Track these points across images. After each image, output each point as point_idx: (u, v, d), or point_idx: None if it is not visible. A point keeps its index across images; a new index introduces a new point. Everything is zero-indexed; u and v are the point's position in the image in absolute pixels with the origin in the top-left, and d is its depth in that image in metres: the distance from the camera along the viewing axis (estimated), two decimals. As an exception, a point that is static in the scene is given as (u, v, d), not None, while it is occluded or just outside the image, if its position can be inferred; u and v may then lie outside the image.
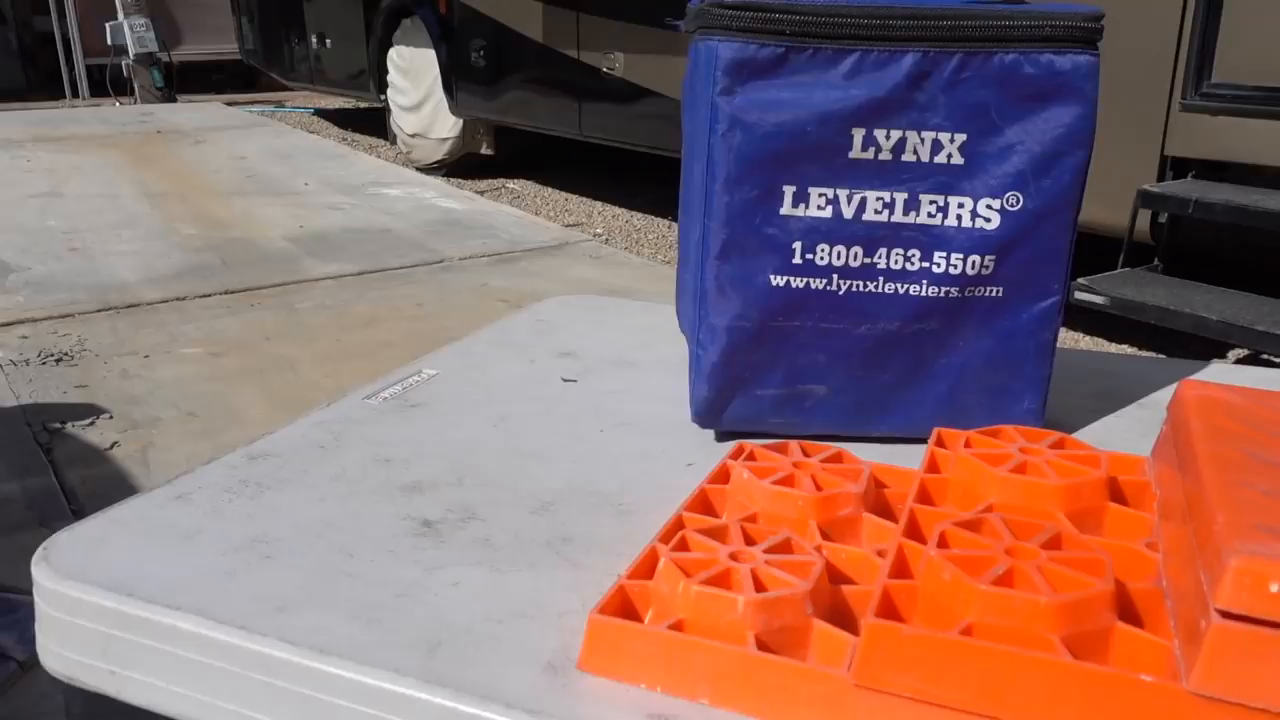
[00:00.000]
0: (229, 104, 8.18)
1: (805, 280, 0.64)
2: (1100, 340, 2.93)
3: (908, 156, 0.62)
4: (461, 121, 4.96)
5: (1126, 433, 0.70)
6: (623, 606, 0.46)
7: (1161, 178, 2.39)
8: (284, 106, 8.25)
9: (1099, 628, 0.40)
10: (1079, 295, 2.29)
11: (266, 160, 5.45)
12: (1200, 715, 0.36)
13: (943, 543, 0.44)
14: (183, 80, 8.62)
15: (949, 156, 0.62)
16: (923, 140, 0.62)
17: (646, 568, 0.47)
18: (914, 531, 0.47)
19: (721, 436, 0.69)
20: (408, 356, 1.95)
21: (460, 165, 5.15)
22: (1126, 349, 2.84)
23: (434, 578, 0.52)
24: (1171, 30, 2.32)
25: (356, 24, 5.62)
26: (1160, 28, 2.33)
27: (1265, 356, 2.51)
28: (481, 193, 4.81)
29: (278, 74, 6.90)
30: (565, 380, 0.80)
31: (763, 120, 0.61)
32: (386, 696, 0.44)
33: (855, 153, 0.62)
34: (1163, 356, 2.65)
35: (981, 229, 0.63)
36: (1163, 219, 2.40)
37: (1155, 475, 0.52)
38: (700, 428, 0.70)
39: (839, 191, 0.62)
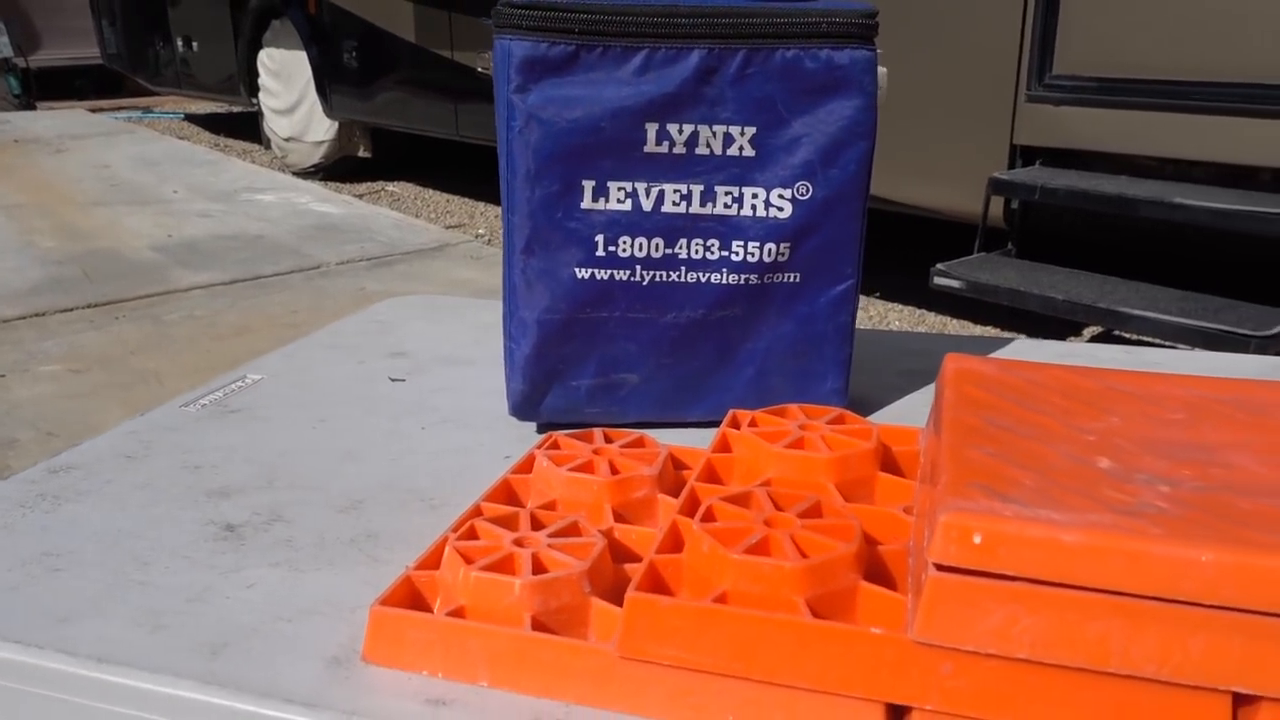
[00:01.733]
0: (93, 110, 7.85)
1: (610, 272, 0.65)
2: (967, 323, 3.05)
3: (701, 150, 0.64)
4: (337, 124, 4.87)
5: (926, 407, 0.73)
6: (410, 597, 0.47)
7: (1012, 166, 2.51)
8: (151, 112, 7.96)
9: (843, 588, 0.42)
10: (938, 280, 2.38)
11: (132, 168, 5.25)
12: (922, 662, 0.39)
13: (708, 517, 0.46)
14: (42, 87, 8.23)
15: (740, 149, 0.65)
16: (714, 133, 0.64)
17: (435, 558, 0.48)
18: (691, 508, 0.49)
19: (542, 429, 0.71)
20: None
21: (337, 168, 5.06)
22: (990, 330, 2.96)
23: (229, 581, 0.52)
24: (1015, 25, 2.43)
25: (223, 25, 5.46)
26: (1004, 23, 2.44)
27: (1116, 332, 2.65)
28: (360, 196, 4.73)
29: (143, 79, 6.64)
30: (393, 380, 0.80)
31: (558, 117, 0.63)
32: (166, 701, 0.44)
33: (650, 147, 0.64)
34: (996, 333, 2.77)
35: (775, 218, 0.65)
36: (1014, 205, 2.51)
37: (924, 444, 0.55)
38: (520, 421, 0.71)
39: (637, 185, 0.64)
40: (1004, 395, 0.50)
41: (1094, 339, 2.81)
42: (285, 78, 5.05)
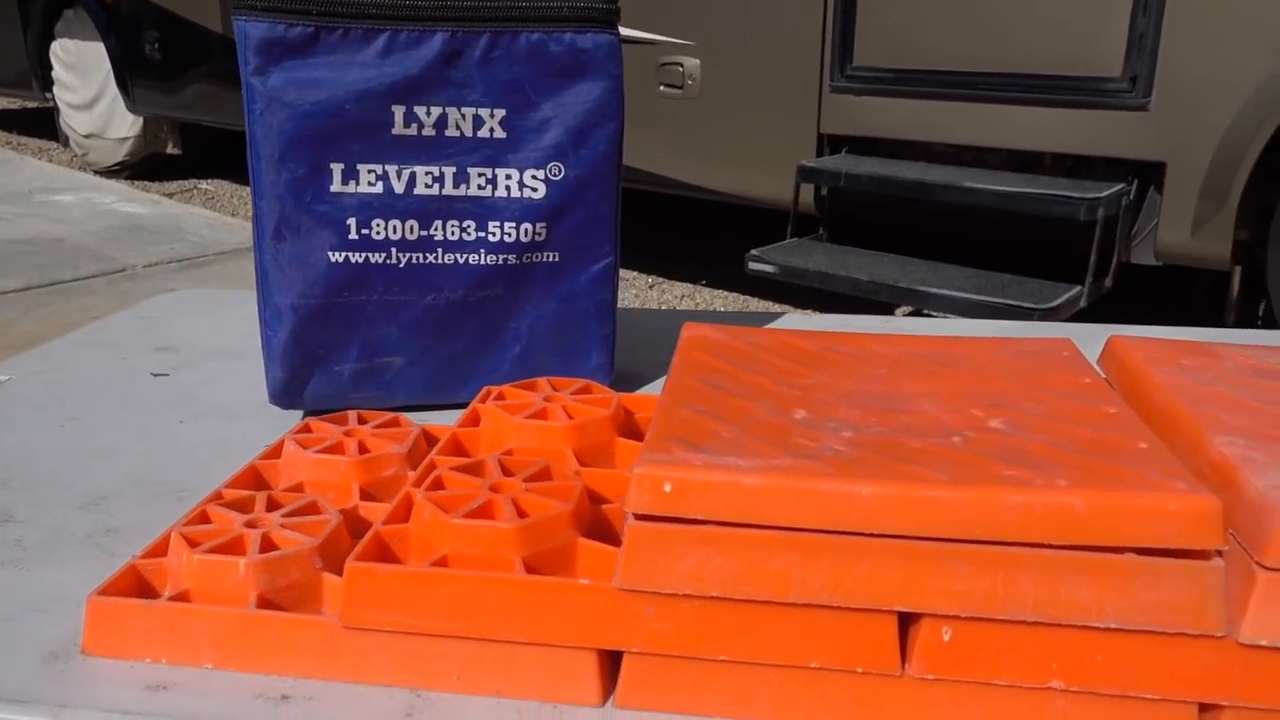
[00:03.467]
0: None
1: (364, 255, 0.65)
2: (788, 307, 3.16)
3: (451, 132, 0.65)
4: (142, 120, 4.61)
5: (690, 379, 0.76)
6: (135, 586, 0.46)
7: (820, 154, 2.61)
8: (-63, 108, 7.33)
9: (561, 545, 0.44)
10: (752, 265, 2.46)
11: (-87, 169, 4.83)
12: (627, 608, 0.41)
13: (437, 486, 0.47)
14: None
15: (491, 131, 0.66)
16: (464, 116, 0.65)
17: (163, 546, 0.48)
18: (425, 480, 0.50)
19: (308, 416, 0.70)
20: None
21: (145, 166, 4.79)
22: (809, 314, 3.07)
23: (-55, 585, 0.49)
24: (817, 18, 2.53)
25: (10, 15, 5.08)
26: (808, 16, 2.54)
27: (926, 312, 2.80)
28: (170, 195, 4.50)
29: (-77, 72, 6.11)
30: (155, 375, 0.77)
31: (300, 99, 0.62)
32: None
33: (398, 129, 0.64)
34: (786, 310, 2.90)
35: (529, 198, 0.67)
36: (824, 192, 2.62)
37: (663, 410, 0.57)
38: (286, 410, 0.70)
39: (388, 167, 0.64)
40: (727, 358, 0.53)
41: (908, 315, 2.96)
42: (82, 71, 4.74)
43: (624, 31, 0.66)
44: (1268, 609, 0.38)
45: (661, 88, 2.81)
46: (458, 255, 0.67)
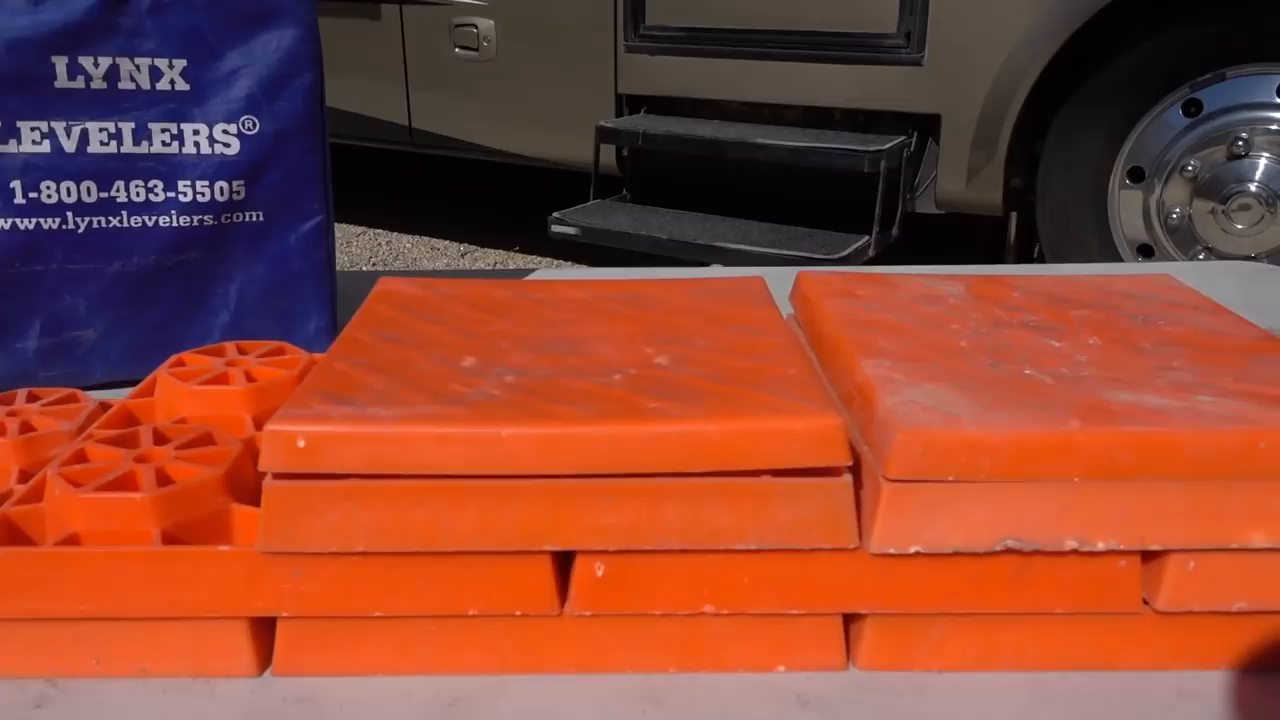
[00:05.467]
0: None
1: (35, 221, 0.60)
2: (601, 267, 3.16)
3: (125, 84, 0.60)
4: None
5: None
6: None
7: (619, 114, 2.61)
8: None
9: (212, 512, 0.42)
10: (555, 228, 2.45)
11: None
12: (272, 572, 0.39)
13: (79, 459, 0.44)
14: None
15: (172, 83, 0.61)
16: (138, 67, 0.60)
17: None
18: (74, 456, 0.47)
19: (-4, 399, 0.64)
20: None
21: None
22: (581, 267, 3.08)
23: None
24: (609, -24, 2.52)
25: None
26: (599, -25, 2.52)
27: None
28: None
29: None
30: None
31: (-60, 51, 0.56)
32: None
33: (62, 82, 0.59)
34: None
35: (222, 154, 0.63)
36: (625, 152, 2.63)
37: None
38: (-34, 393, 0.64)
39: (54, 124, 0.59)
40: (411, 310, 0.52)
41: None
42: None
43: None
44: (892, 519, 0.39)
45: (457, 50, 2.74)
46: (145, 218, 0.63)
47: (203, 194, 0.63)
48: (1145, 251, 2.18)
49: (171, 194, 0.63)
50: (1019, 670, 0.42)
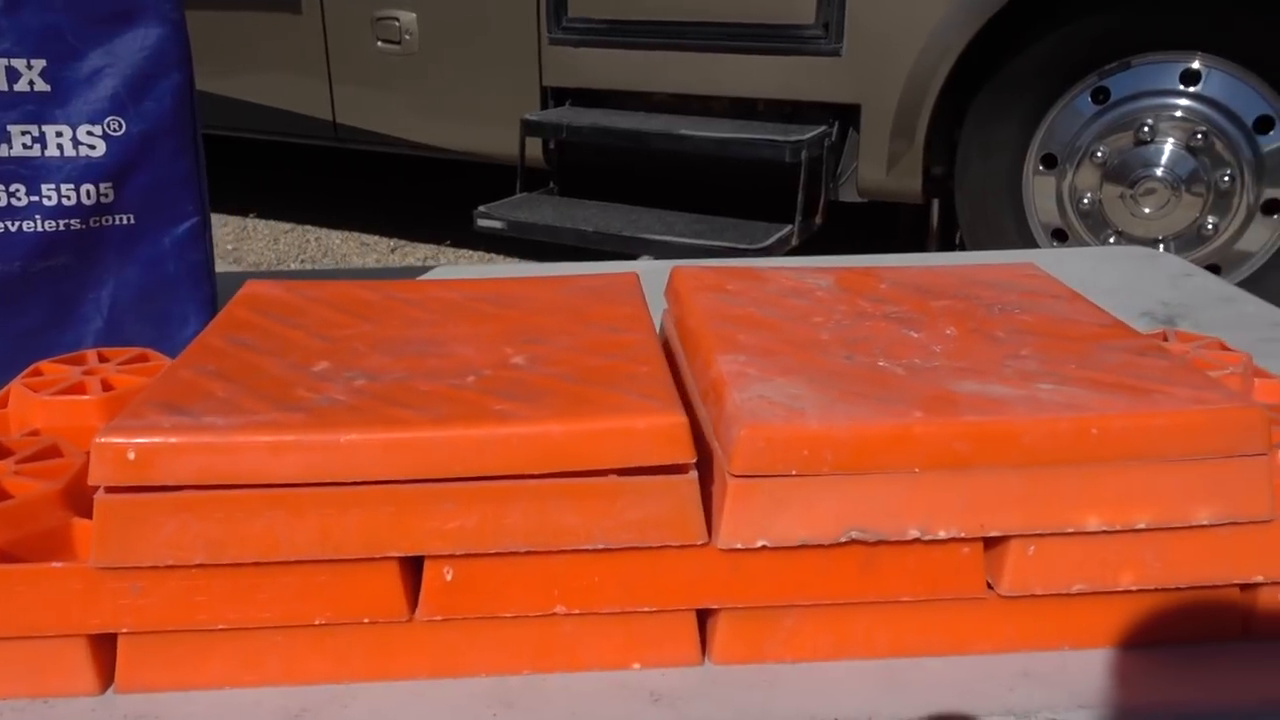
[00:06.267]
0: None
1: (-114, 229, 0.58)
2: (534, 262, 3.15)
3: (-21, 86, 0.59)
4: None
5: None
6: None
7: (545, 107, 2.60)
8: None
9: (50, 527, 0.41)
10: (480, 222, 2.43)
11: None
12: (106, 587, 0.38)
13: (-89, 478, 0.43)
14: None
15: (31, 84, 0.60)
16: (-8, 68, 0.59)
17: None
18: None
19: None
20: None
21: None
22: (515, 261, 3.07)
23: None
24: (529, -32, 2.50)
25: None
26: (519, -34, 2.50)
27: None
28: None
29: None
30: None
31: None
32: None
33: (-91, 85, 0.57)
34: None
35: (88, 157, 0.61)
36: (552, 145, 2.62)
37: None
38: None
39: (-97, 128, 0.57)
40: (271, 314, 0.51)
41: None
42: None
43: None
44: (738, 514, 0.40)
45: (379, 43, 2.70)
46: (8, 223, 0.61)
47: (68, 197, 0.62)
48: (1059, 236, 2.22)
49: (35, 198, 0.61)
50: (871, 658, 0.42)
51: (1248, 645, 0.43)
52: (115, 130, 0.62)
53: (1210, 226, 2.08)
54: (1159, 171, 2.09)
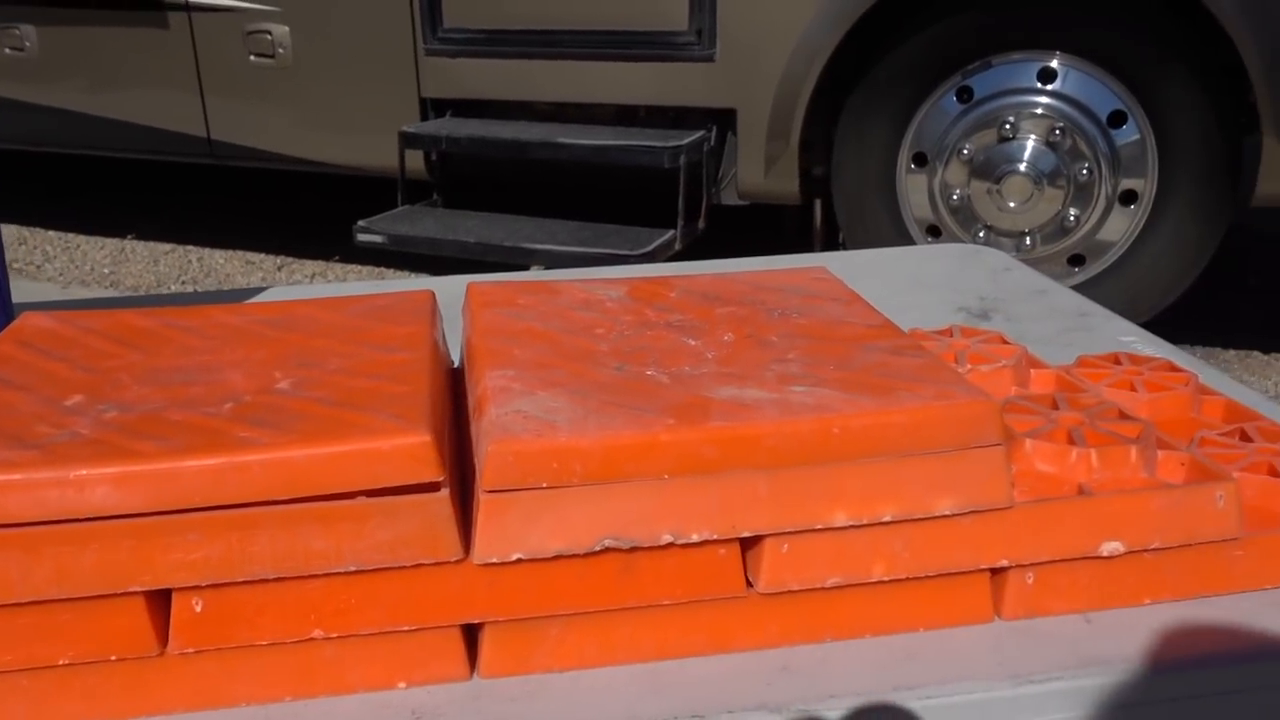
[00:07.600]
0: None
1: None
2: (425, 276, 3.12)
3: None
4: None
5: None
6: None
7: (425, 118, 2.57)
8: None
9: None
10: (361, 237, 2.40)
11: None
12: None
13: None
14: None
15: None
16: None
17: None
18: None
19: None
20: None
21: None
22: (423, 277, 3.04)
23: None
24: (403, -22, 2.48)
25: None
26: (392, -24, 2.48)
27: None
28: None
29: None
30: None
31: None
32: None
33: None
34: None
35: None
36: (434, 157, 2.60)
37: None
38: None
39: None
40: (37, 347, 0.50)
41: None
42: None
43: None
44: (492, 528, 0.40)
45: (252, 58, 2.65)
46: None
47: None
48: (934, 231, 2.29)
49: None
50: (637, 662, 0.43)
51: (998, 626, 0.45)
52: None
53: (1073, 218, 2.17)
54: (1022, 167, 2.17)
